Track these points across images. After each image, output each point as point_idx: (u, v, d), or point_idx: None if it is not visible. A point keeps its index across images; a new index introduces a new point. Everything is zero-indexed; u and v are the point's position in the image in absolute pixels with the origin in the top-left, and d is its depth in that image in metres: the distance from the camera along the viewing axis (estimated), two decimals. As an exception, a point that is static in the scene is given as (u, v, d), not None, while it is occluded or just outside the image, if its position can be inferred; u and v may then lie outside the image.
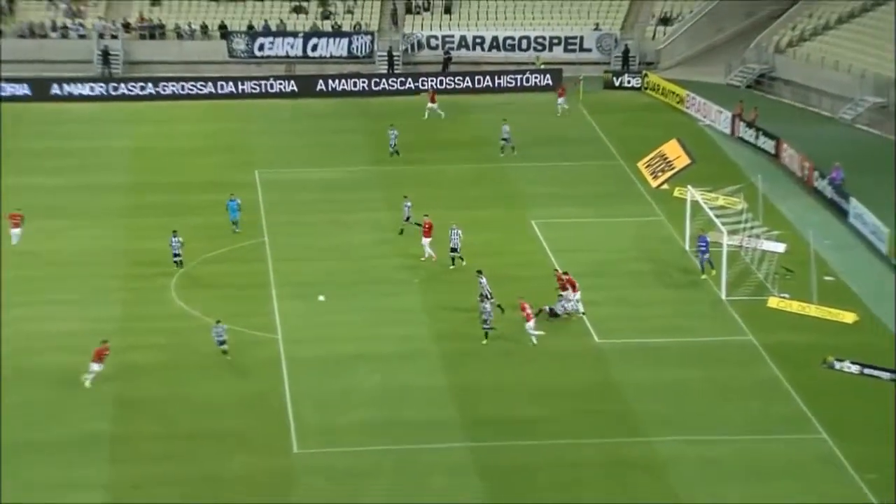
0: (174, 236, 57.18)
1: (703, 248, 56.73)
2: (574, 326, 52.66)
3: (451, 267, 57.18)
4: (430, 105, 77.98)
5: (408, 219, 60.79)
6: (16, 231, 59.33)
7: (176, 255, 57.05)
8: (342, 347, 51.03)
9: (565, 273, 53.91)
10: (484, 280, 52.89)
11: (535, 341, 50.84)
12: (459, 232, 57.42)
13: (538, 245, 60.44)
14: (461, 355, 50.32)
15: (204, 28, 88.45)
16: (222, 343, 49.34)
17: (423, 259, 57.94)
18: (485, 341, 50.70)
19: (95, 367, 47.41)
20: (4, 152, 71.69)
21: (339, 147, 73.78)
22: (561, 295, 53.17)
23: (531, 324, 50.93)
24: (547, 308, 52.84)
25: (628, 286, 56.43)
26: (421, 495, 41.98)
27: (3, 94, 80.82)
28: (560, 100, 79.41)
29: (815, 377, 48.97)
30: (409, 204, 61.08)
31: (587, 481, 42.77)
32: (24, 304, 54.33)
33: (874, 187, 65.39)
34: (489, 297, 52.01)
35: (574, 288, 53.18)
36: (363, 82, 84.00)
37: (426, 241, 57.92)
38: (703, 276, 56.65)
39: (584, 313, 52.97)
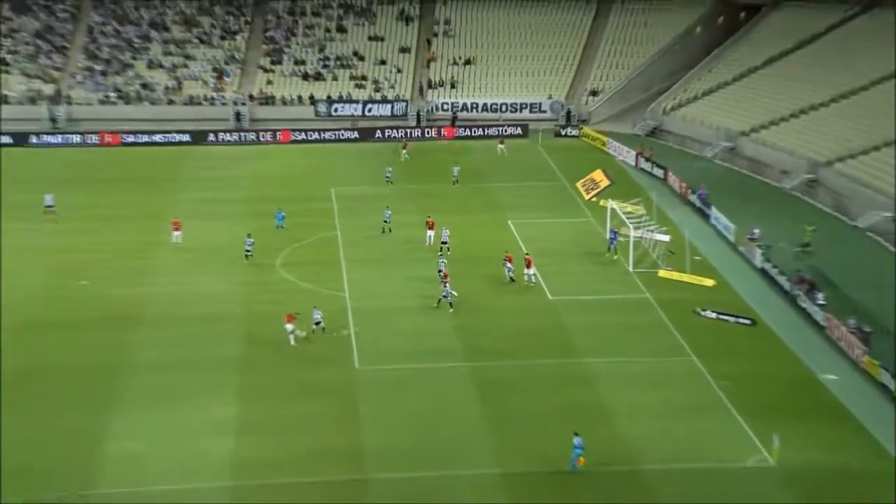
0: (248, 237, 55.43)
1: (612, 238, 56.39)
2: (535, 290, 52.40)
3: (439, 252, 55.91)
4: (403, 151, 75.10)
5: (387, 222, 59.42)
6: (177, 233, 57.90)
7: (248, 251, 54.79)
8: (387, 301, 50.79)
9: (527, 254, 53.33)
10: (444, 260, 52.36)
11: (449, 298, 49.24)
12: (448, 231, 56.57)
13: (513, 237, 60.01)
14: (462, 308, 49.93)
15: (300, 98, 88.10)
16: (318, 323, 46.24)
17: (427, 245, 57.12)
18: (451, 310, 49.20)
19: (289, 326, 45.49)
20: (175, 179, 71.07)
21: (384, 173, 72.83)
22: (504, 263, 52.65)
23: (447, 287, 49.95)
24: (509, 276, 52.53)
25: (570, 262, 56.09)
26: (437, 396, 41.91)
27: (173, 140, 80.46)
28: (500, 146, 76.92)
29: (688, 320, 48.82)
30: (389, 212, 59.74)
31: (545, 388, 42.68)
32: (182, 274, 54.27)
33: (726, 200, 64.90)
34: (440, 271, 51.32)
35: (529, 264, 52.58)
36: (401, 132, 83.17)
37: (430, 233, 57.26)
38: (614, 257, 56.05)
39: (534, 282, 52.18)
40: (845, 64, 78.62)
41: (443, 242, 56.61)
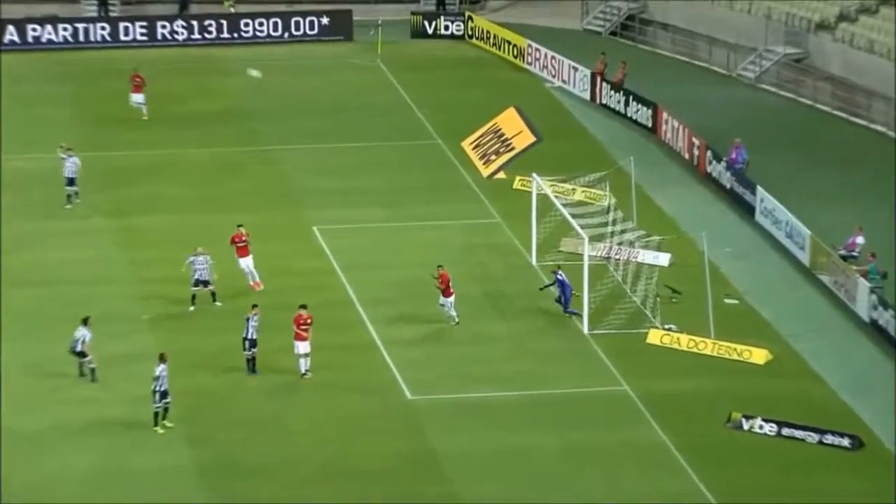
0: None
1: (562, 294, 56.28)
2: (377, 377, 52.47)
3: (192, 309, 56.55)
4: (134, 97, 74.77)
5: None
6: None
7: None
8: (47, 417, 49.85)
9: (303, 307, 52.47)
10: (84, 334, 51.92)
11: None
12: (208, 258, 56.82)
13: (323, 262, 60.49)
14: (210, 425, 49.50)
15: None
16: None
17: (250, 284, 57.67)
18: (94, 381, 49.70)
19: None
20: None
21: (32, 124, 73.00)
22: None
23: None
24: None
25: (458, 315, 56.09)
26: None
27: None
28: (136, 97, 75.30)
29: (715, 440, 49.07)
30: None
31: None
32: None
33: (789, 172, 66.58)
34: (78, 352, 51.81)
35: (302, 335, 52.23)
36: (64, 29, 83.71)
37: (245, 262, 57.84)
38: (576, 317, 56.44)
39: (307, 373, 52.45)
40: None
41: (198, 283, 56.82)
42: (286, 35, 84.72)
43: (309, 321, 52.16)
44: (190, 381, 50.77)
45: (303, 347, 52.22)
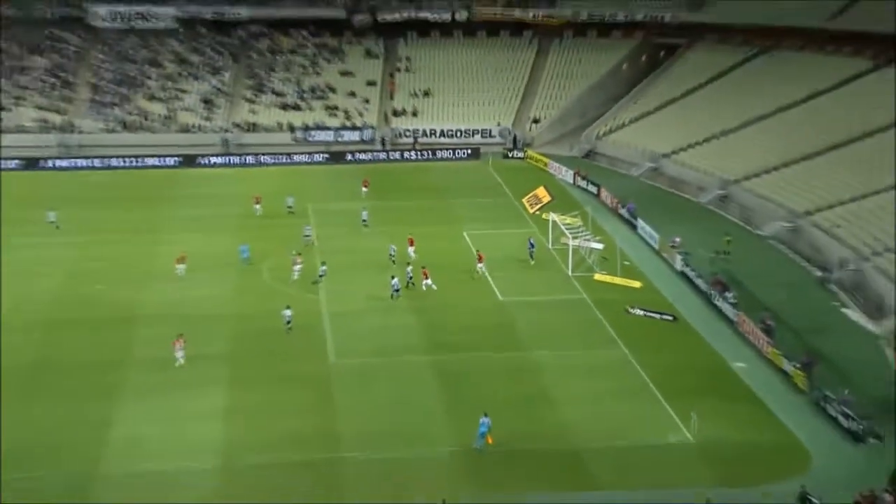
0: (322, 265, 51.78)
1: (532, 246, 56.48)
2: (485, 290, 52.40)
3: (395, 263, 55.07)
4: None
5: (307, 236, 57.81)
6: (181, 266, 52.94)
7: (321, 275, 51.05)
8: (357, 304, 50.38)
9: (423, 267, 51.87)
10: (409, 268, 52.02)
11: (434, 287, 50.18)
12: (395, 247, 55.93)
13: (466, 245, 60.02)
14: (423, 308, 49.93)
15: (280, 125, 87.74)
16: (288, 322, 45.95)
17: (410, 259, 55.19)
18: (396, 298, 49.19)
19: (180, 353, 42.67)
20: (171, 198, 69.59)
21: (354, 191, 71.88)
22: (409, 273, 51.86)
23: (428, 280, 50.73)
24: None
25: (517, 268, 56.11)
26: (401, 386, 41.90)
27: (167, 164, 78.96)
28: (364, 189, 69.69)
29: (620, 318, 49.17)
30: (309, 228, 58.43)
31: (497, 378, 42.71)
32: (179, 280, 53.13)
33: (651, 213, 65.38)
34: (409, 278, 51.35)
35: (426, 276, 51.25)
36: (368, 155, 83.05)
37: (410, 249, 56.24)
38: (532, 262, 56.03)
39: (435, 287, 51.02)
40: (750, 95, 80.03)
41: (390, 256, 55.44)
42: (451, 156, 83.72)
43: (426, 272, 51.09)
44: (413, 291, 51.03)
45: (428, 282, 51.18)
